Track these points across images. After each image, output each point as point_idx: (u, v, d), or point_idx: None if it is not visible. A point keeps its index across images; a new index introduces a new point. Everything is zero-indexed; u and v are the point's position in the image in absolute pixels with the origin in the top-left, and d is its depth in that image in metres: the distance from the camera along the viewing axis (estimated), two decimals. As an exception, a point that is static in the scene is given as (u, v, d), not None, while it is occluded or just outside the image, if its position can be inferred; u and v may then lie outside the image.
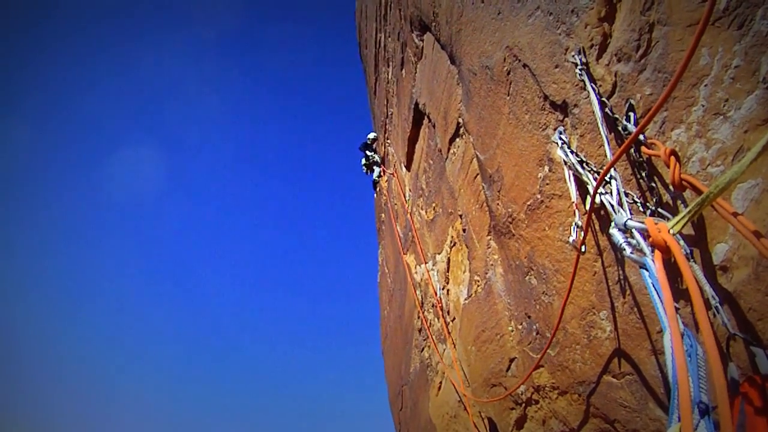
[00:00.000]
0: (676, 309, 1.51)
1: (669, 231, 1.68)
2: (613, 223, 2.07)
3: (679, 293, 2.05)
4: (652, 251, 1.75)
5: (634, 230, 1.92)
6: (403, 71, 9.12)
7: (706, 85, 1.97)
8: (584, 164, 2.68)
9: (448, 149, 5.98)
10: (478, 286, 5.08)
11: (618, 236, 1.99)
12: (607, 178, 2.36)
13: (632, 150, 2.39)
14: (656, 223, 1.76)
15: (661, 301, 1.56)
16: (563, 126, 2.98)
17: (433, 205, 7.19)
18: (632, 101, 2.38)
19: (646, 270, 1.75)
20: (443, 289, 6.79)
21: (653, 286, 1.65)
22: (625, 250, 1.92)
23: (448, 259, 6.45)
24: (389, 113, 11.65)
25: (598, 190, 2.30)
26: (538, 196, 3.32)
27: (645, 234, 1.84)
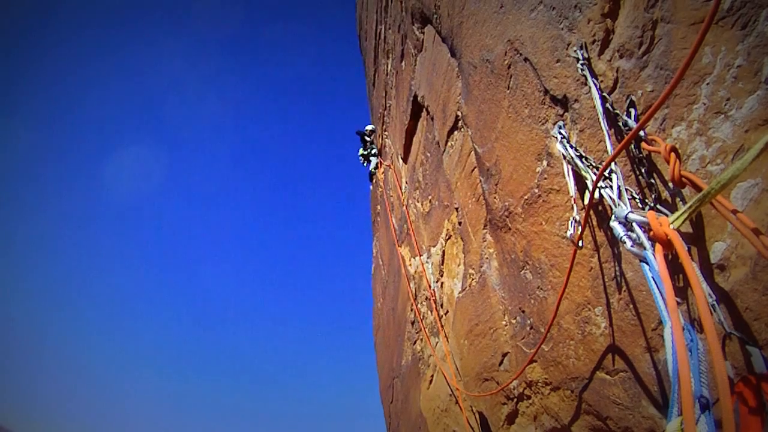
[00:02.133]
0: (677, 303, 1.51)
1: (670, 226, 1.68)
2: (613, 216, 2.06)
3: (676, 290, 2.05)
4: (653, 245, 1.75)
5: (634, 224, 1.91)
6: (403, 63, 9.08)
7: (707, 84, 1.96)
8: (583, 159, 2.68)
9: (446, 142, 5.97)
10: (472, 279, 5.08)
11: (618, 229, 1.98)
12: (606, 173, 2.36)
13: (632, 146, 2.39)
14: (658, 217, 1.76)
15: (661, 294, 1.56)
16: (563, 121, 2.98)
17: (429, 197, 7.18)
18: (633, 97, 2.38)
19: (647, 264, 1.74)
20: (437, 281, 6.79)
21: (653, 280, 1.65)
22: (625, 243, 1.91)
23: (443, 252, 6.45)
24: (388, 105, 11.62)
25: (598, 184, 2.30)
26: (536, 191, 3.32)
27: (646, 227, 1.84)
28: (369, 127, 14.53)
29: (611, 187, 2.31)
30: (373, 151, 14.08)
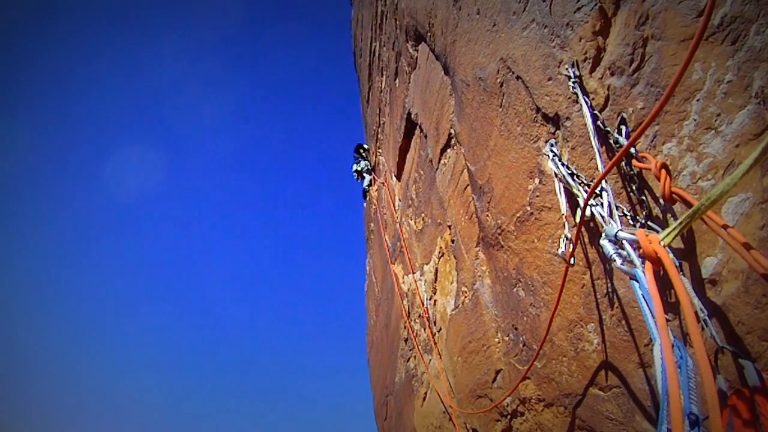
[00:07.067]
0: (667, 321, 1.51)
1: (660, 242, 1.68)
2: (603, 234, 2.07)
3: (668, 306, 2.05)
4: (643, 262, 1.75)
5: (624, 241, 1.92)
6: (397, 81, 9.14)
7: (698, 100, 1.98)
8: (575, 176, 2.69)
9: (439, 160, 5.98)
10: (465, 296, 5.07)
11: (608, 247, 1.99)
12: (597, 190, 2.37)
13: (623, 163, 2.40)
14: (647, 235, 1.76)
15: (651, 312, 1.56)
16: (555, 138, 2.99)
17: (422, 215, 7.18)
18: (624, 115, 2.39)
19: (636, 281, 1.75)
20: (430, 299, 6.77)
21: (643, 297, 1.65)
22: (615, 261, 1.92)
23: (436, 270, 6.44)
24: (381, 122, 11.66)
25: (589, 202, 2.31)
26: (528, 208, 3.33)
27: (636, 245, 1.84)
28: (363, 146, 14.63)
29: (602, 204, 2.32)
30: (366, 168, 14.13)
